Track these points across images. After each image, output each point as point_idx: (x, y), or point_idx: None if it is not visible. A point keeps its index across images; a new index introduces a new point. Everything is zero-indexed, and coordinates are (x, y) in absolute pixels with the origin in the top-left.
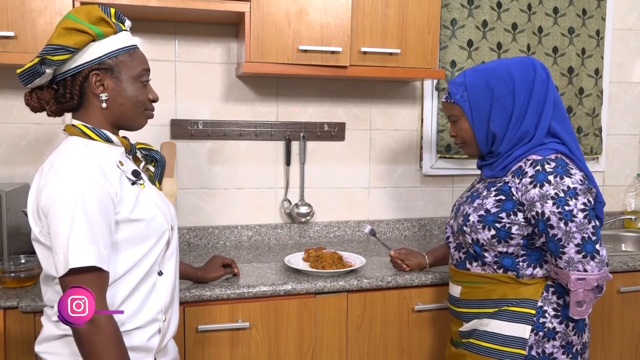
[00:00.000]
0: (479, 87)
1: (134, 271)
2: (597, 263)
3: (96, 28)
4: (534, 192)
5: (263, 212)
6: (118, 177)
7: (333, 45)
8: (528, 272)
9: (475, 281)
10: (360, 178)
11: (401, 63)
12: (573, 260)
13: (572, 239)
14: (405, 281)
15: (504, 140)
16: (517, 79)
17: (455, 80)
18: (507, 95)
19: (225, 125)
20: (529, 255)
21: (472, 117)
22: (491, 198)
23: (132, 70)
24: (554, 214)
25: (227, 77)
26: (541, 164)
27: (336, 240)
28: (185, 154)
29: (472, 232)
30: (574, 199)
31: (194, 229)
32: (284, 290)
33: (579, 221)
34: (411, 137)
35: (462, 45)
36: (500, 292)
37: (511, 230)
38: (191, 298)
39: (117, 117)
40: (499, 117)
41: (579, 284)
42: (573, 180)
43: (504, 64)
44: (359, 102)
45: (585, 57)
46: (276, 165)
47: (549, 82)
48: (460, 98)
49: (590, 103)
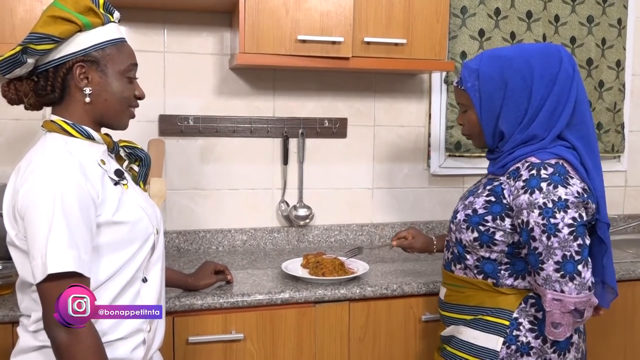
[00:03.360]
0: (493, 77)
1: (116, 277)
2: (577, 285)
3: (84, 18)
4: (523, 198)
5: (258, 215)
6: (100, 176)
7: (334, 35)
8: (508, 282)
9: (457, 284)
10: (363, 178)
11: (407, 54)
12: (550, 279)
13: (552, 255)
14: (412, 289)
15: (510, 140)
16: (536, 73)
17: (469, 65)
18: (523, 91)
19: (218, 121)
20: (512, 265)
21: (481, 110)
22: (482, 198)
23: (119, 64)
24: (538, 226)
25: (220, 69)
26: (537, 169)
27: (337, 245)
28: (174, 152)
29: (457, 230)
30: (562, 212)
31: (184, 233)
32: (281, 299)
33: (563, 237)
34: (418, 134)
35: (472, 35)
36: (478, 299)
37: (495, 236)
38: (181, 307)
39: (101, 114)
40: (510, 115)
41: (555, 305)
42: (568, 191)
43: (526, 52)
44: (361, 97)
45: (606, 48)
46: (273, 164)
47: (575, 79)
48: (471, 87)
49: (611, 97)
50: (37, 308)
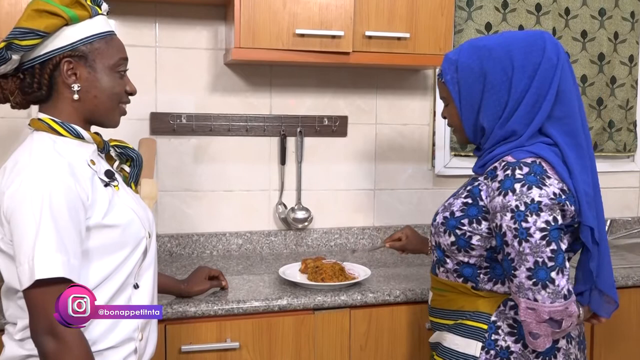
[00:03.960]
0: (472, 68)
1: (107, 283)
2: (550, 294)
3: (70, 11)
4: (497, 200)
5: (255, 218)
6: (89, 177)
7: (334, 29)
8: (487, 287)
9: (440, 288)
10: (365, 179)
11: (411, 49)
12: (523, 286)
13: (524, 261)
14: (416, 296)
15: (490, 137)
16: (517, 64)
17: (449, 56)
18: (503, 84)
19: (212, 119)
20: (492, 269)
21: (460, 104)
22: (460, 199)
23: (108, 59)
24: (510, 230)
25: (214, 64)
26: (512, 168)
27: (337, 249)
28: (166, 152)
29: (435, 233)
30: (534, 215)
31: (177, 237)
32: (279, 305)
33: (534, 242)
34: (422, 133)
35: (479, 28)
36: (459, 303)
37: (471, 240)
38: (173, 315)
39: (90, 111)
40: (490, 109)
41: (529, 314)
42: (543, 192)
43: (507, 41)
44: (363, 93)
45: (618, 42)
46: (269, 165)
47: (558, 67)
48: (450, 79)
49: (623, 94)
50: (23, 315)
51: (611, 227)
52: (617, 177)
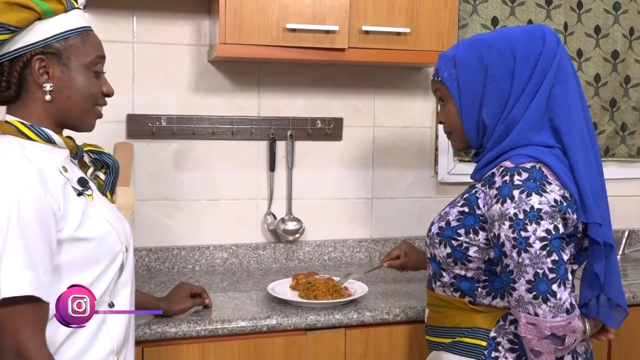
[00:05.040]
0: (471, 63)
1: None
2: (551, 308)
3: (43, 4)
4: (495, 208)
5: (241, 229)
6: (61, 186)
7: (328, 24)
8: (485, 301)
9: (436, 304)
10: (362, 187)
11: (411, 45)
12: (523, 300)
13: (523, 273)
14: (417, 314)
15: (493, 134)
16: (520, 55)
17: (445, 53)
18: (506, 76)
19: (195, 121)
20: (491, 282)
21: (460, 101)
22: (457, 208)
23: (83, 56)
24: (509, 240)
25: (197, 62)
26: (511, 174)
27: (332, 264)
28: (144, 158)
29: (430, 245)
30: (534, 224)
31: (156, 250)
32: (267, 325)
33: (534, 252)
34: (424, 136)
35: (485, 23)
36: (456, 319)
37: (468, 252)
38: (152, 336)
39: (63, 113)
40: (493, 103)
41: (530, 330)
42: (543, 199)
43: (507, 34)
44: (359, 93)
45: (634, 39)
46: (257, 171)
47: (557, 57)
48: (448, 76)
49: (637, 95)
50: None
51: (629, 239)
52: (634, 184)
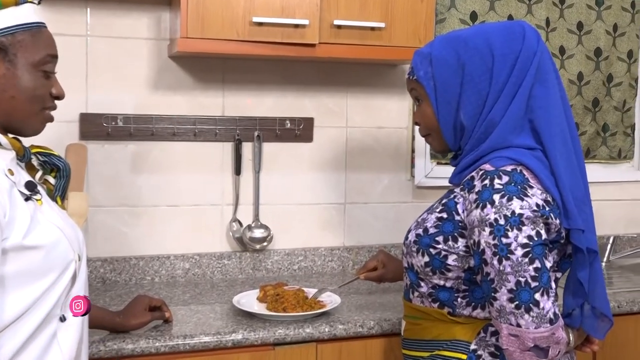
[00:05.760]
0: (448, 61)
1: (27, 317)
2: (534, 318)
3: None
4: (475, 213)
5: (204, 237)
6: (7, 190)
7: (297, 17)
8: (465, 312)
9: (414, 315)
10: (334, 191)
11: (386, 40)
12: (505, 310)
13: (504, 281)
14: (393, 327)
15: (472, 135)
16: (498, 52)
17: (421, 51)
18: (483, 75)
19: (154, 121)
20: (471, 292)
21: (437, 101)
22: (435, 214)
23: (32, 54)
24: (489, 246)
25: (156, 57)
26: (491, 178)
27: (302, 274)
28: (99, 160)
29: (407, 253)
30: (515, 230)
31: (111, 261)
32: (233, 341)
33: (516, 259)
34: (400, 137)
35: (463, 18)
36: (434, 331)
37: (447, 261)
38: (107, 353)
39: (6, 114)
40: (471, 103)
41: (512, 342)
42: (524, 204)
43: (485, 31)
44: (331, 92)
45: (617, 36)
46: (222, 175)
47: (537, 53)
48: (424, 75)
49: (620, 94)
50: None
51: (615, 245)
52: (620, 187)
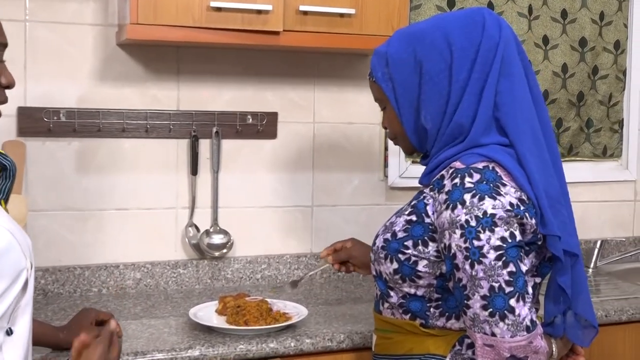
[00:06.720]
0: (404, 59)
1: None
2: (509, 326)
3: None
4: (445, 215)
5: (157, 244)
6: None
7: (259, 2)
8: (439, 323)
9: (384, 329)
10: (300, 192)
11: (357, 28)
12: (478, 318)
13: (477, 287)
14: (364, 340)
15: (437, 138)
16: (456, 46)
17: (378, 49)
18: (442, 72)
19: (101, 116)
20: (444, 301)
21: (398, 103)
22: (404, 217)
23: None
24: (460, 250)
25: (103, 45)
26: (461, 176)
27: (265, 283)
28: (39, 159)
29: (375, 260)
30: (487, 231)
31: (54, 271)
32: (189, 357)
33: (489, 263)
34: (372, 134)
35: (440, 4)
36: (407, 345)
37: (417, 267)
38: None
39: None
40: (432, 104)
41: (487, 353)
42: (497, 203)
43: (442, 23)
44: (297, 84)
45: (604, 25)
46: (177, 175)
47: (500, 45)
48: (382, 76)
49: (606, 87)
50: None
51: (602, 250)
52: (607, 188)
